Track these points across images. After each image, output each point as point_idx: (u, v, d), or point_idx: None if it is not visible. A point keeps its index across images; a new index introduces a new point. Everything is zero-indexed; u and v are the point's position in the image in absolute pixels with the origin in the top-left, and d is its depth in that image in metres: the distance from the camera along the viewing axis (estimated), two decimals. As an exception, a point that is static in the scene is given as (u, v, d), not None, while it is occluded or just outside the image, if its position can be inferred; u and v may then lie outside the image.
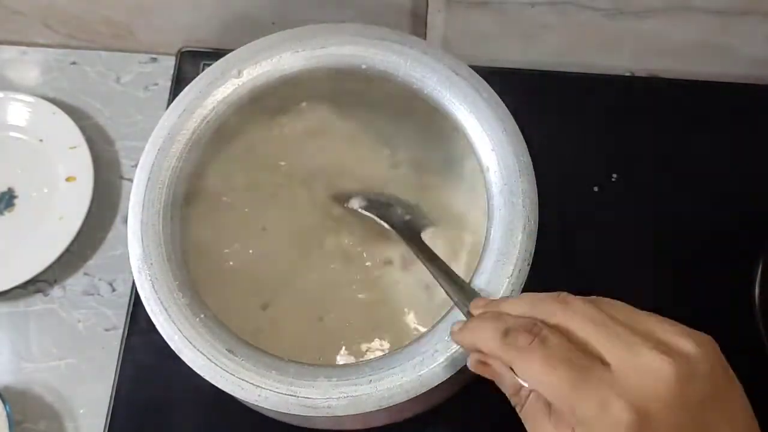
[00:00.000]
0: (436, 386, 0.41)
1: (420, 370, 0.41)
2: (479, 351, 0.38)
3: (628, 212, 0.59)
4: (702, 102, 0.62)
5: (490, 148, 0.46)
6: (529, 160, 0.46)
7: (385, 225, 0.48)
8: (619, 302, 0.36)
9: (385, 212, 0.49)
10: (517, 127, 0.47)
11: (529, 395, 0.35)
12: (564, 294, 0.37)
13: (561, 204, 0.51)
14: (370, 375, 0.41)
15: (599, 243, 0.58)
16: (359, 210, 0.50)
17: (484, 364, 0.38)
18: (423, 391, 0.41)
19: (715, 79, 0.63)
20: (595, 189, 0.59)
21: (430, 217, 0.50)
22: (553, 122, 0.60)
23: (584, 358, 0.33)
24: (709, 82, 0.63)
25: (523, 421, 0.36)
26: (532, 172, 0.46)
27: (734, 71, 0.62)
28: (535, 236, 0.45)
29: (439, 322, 0.43)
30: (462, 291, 0.42)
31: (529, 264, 0.44)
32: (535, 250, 0.44)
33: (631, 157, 0.60)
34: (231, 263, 0.51)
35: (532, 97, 0.60)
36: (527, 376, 0.34)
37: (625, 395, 0.32)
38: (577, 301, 0.36)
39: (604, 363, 0.33)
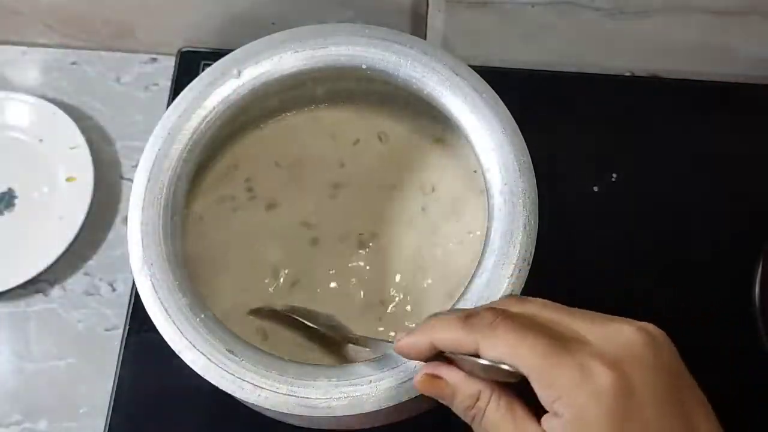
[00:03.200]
0: (436, 386, 0.41)
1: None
2: (433, 353, 0.35)
3: (628, 212, 0.59)
4: (702, 102, 0.62)
5: (490, 148, 0.46)
6: (529, 160, 0.46)
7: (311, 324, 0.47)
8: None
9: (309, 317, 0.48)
10: (517, 127, 0.47)
11: (488, 402, 0.34)
12: (513, 294, 0.37)
13: (561, 204, 0.51)
14: (370, 375, 0.41)
15: (599, 243, 0.58)
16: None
17: (433, 377, 0.36)
18: (423, 391, 0.41)
19: (715, 79, 0.63)
20: (595, 189, 0.59)
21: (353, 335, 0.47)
22: (553, 122, 0.60)
23: (555, 330, 0.33)
24: (709, 82, 0.63)
25: None
26: (532, 172, 0.46)
27: (734, 71, 0.62)
28: (536, 236, 0.44)
29: (439, 322, 0.43)
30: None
31: (529, 264, 0.44)
32: (534, 251, 0.45)
33: (631, 157, 0.60)
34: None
35: (532, 97, 0.60)
36: (497, 351, 0.32)
37: (603, 359, 0.31)
38: (528, 297, 0.36)
39: (574, 337, 0.32)
